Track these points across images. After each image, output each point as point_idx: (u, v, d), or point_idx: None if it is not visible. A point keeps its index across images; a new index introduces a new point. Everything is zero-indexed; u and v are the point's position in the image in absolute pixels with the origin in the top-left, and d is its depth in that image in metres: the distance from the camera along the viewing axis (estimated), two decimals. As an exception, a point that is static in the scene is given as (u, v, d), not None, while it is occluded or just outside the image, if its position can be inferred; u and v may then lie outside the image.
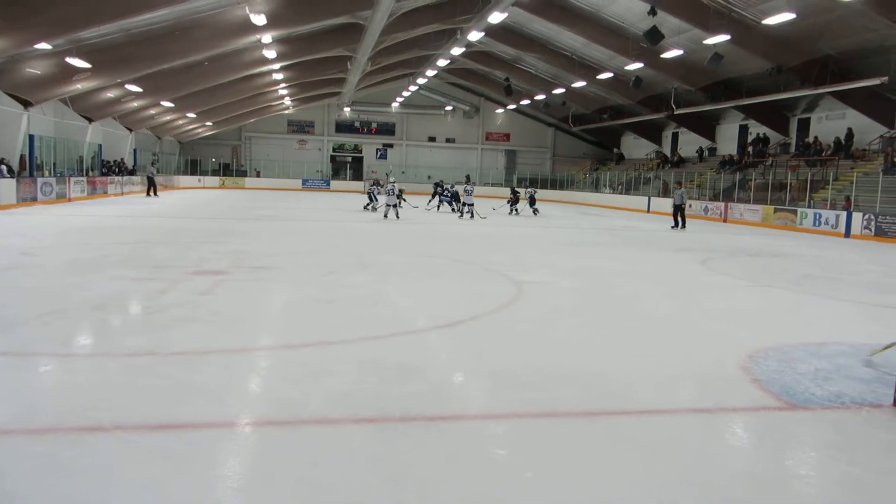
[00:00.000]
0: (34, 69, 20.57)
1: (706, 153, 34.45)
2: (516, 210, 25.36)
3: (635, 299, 8.08)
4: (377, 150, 48.52)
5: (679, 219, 20.83)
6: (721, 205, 26.37)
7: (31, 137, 22.49)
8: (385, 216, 18.60)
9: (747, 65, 24.23)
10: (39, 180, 21.81)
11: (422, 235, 15.68)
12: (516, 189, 27.05)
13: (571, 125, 43.09)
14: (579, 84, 31.96)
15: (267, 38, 21.97)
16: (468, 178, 37.45)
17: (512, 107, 44.62)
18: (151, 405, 3.83)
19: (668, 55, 23.79)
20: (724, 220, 25.54)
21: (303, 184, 43.90)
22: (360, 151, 48.43)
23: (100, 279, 7.94)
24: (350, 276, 8.93)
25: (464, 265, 10.56)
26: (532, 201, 25.24)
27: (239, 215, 19.95)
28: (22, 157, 22.20)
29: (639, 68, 26.41)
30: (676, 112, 30.61)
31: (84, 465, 3.06)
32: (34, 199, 20.98)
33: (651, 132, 39.41)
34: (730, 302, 8.08)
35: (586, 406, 4.13)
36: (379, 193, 22.79)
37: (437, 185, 27.00)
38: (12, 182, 19.93)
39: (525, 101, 41.04)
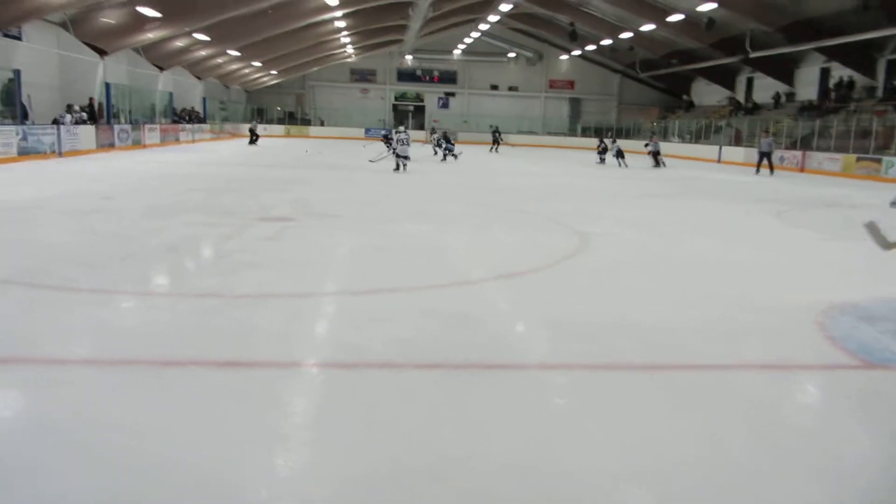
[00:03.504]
0: (108, 18, 21.12)
1: (783, 99, 32.73)
2: (603, 160, 25.15)
3: (704, 252, 7.84)
4: (439, 98, 48.08)
5: (767, 166, 21.51)
6: (798, 154, 25.15)
7: (107, 86, 23.25)
8: (396, 169, 16.84)
9: (831, 1, 22.64)
10: (116, 127, 22.65)
11: (478, 186, 15.58)
12: (604, 140, 26.93)
13: (639, 71, 41.56)
14: (648, 27, 30.65)
15: (329, -17, 21.86)
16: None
17: (576, 53, 43.25)
18: (220, 344, 3.99)
19: (745, -7, 22.50)
20: (801, 170, 24.38)
21: (366, 133, 44.07)
22: (422, 100, 48.11)
23: (174, 224, 8.24)
24: (410, 225, 8.98)
25: (524, 215, 10.46)
26: (620, 153, 24.34)
27: (302, 164, 20.23)
28: (98, 104, 22.93)
29: (712, 9, 25.10)
30: (752, 55, 29.01)
31: (160, 398, 3.21)
32: (112, 146, 21.83)
33: (723, 77, 37.57)
34: (805, 255, 7.75)
35: (650, 359, 4.05)
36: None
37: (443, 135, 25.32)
38: (92, 129, 20.77)
39: (590, 47, 39.69)
